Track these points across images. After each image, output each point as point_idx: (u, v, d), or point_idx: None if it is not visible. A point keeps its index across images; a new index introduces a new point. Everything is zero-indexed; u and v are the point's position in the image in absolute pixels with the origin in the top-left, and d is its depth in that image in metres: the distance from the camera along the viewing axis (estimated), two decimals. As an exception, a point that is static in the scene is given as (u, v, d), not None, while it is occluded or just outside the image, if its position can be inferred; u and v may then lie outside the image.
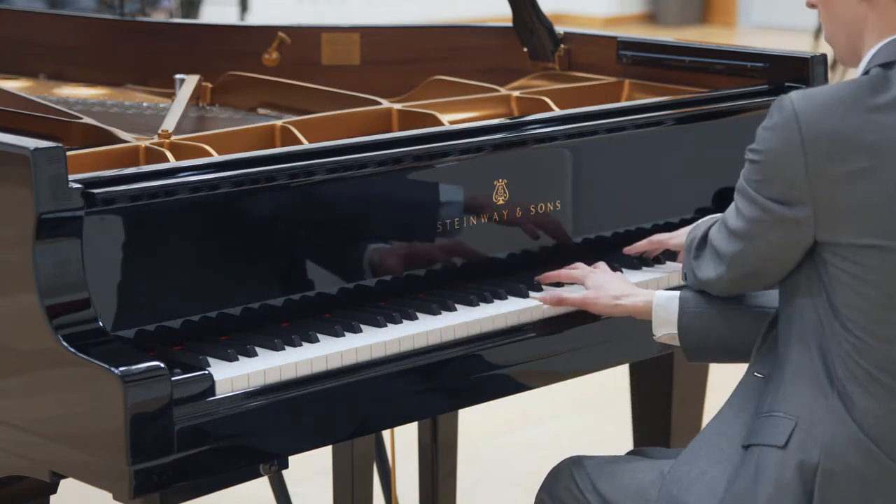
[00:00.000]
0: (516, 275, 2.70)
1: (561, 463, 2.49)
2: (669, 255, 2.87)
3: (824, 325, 2.22)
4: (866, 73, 2.22)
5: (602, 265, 2.67)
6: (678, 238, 2.77)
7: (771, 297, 2.42)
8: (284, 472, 3.26)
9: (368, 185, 2.57)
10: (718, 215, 2.41)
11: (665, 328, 2.48)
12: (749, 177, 2.26)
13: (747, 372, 2.36)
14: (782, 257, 2.26)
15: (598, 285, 2.59)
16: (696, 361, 2.53)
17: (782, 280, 2.30)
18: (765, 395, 2.29)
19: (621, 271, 2.76)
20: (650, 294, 2.50)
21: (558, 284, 2.67)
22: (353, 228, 2.55)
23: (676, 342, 2.46)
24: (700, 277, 2.40)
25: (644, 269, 2.81)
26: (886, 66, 2.20)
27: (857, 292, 2.19)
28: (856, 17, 2.25)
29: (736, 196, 2.30)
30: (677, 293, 2.49)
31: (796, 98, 2.19)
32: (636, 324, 2.59)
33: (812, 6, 2.33)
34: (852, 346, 2.20)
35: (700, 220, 2.55)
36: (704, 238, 2.40)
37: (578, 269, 2.66)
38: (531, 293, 2.63)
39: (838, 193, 2.17)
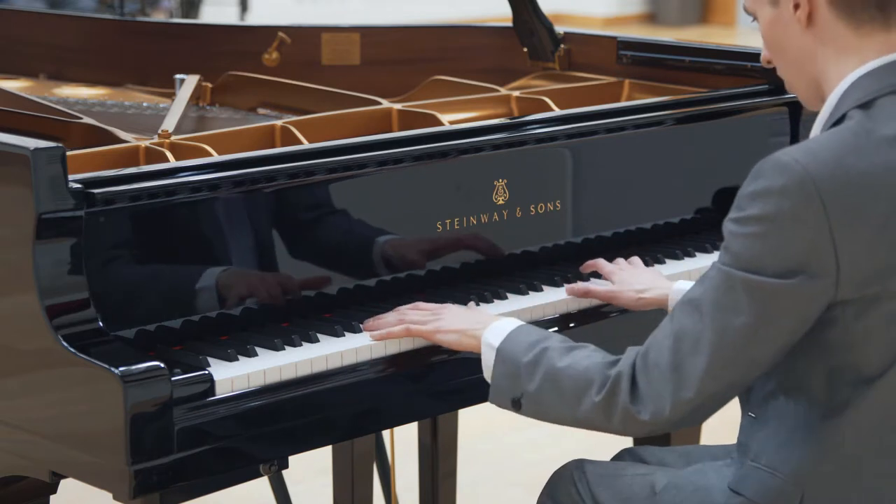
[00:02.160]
0: (516, 275, 2.70)
1: (563, 467, 2.48)
2: (668, 252, 2.87)
3: (833, 385, 2.10)
4: (842, 116, 2.09)
5: (635, 260, 2.70)
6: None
7: None
8: (284, 472, 3.27)
9: (368, 185, 2.57)
10: (588, 361, 2.17)
11: None
12: (742, 257, 2.03)
13: (742, 412, 2.25)
14: (785, 339, 2.06)
15: (623, 280, 2.62)
16: None
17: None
18: (758, 441, 2.19)
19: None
20: (669, 286, 2.51)
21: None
22: (352, 228, 2.55)
23: None
24: (648, 419, 2.09)
25: (668, 261, 2.82)
26: (863, 106, 2.08)
27: (889, 343, 2.07)
28: (805, 51, 2.13)
29: (710, 305, 2.04)
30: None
31: (798, 155, 2.01)
32: (635, 323, 2.60)
33: (768, 62, 2.22)
34: (882, 402, 2.09)
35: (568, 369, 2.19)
36: (632, 376, 2.10)
37: (617, 262, 2.69)
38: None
39: (866, 245, 2.02)
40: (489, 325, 2.31)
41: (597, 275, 2.72)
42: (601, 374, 2.13)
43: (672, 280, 2.63)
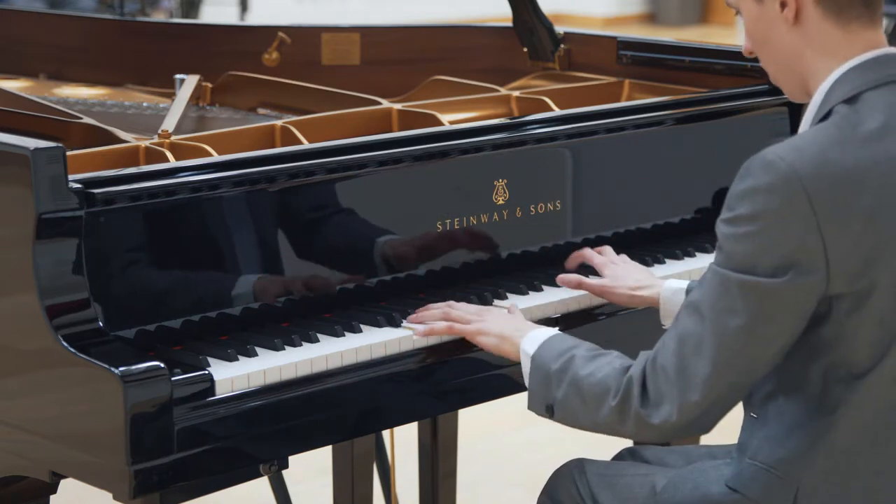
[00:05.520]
0: (516, 274, 2.70)
1: (563, 466, 2.48)
2: (668, 253, 2.87)
3: (827, 383, 2.11)
4: (829, 112, 2.09)
5: (624, 256, 2.69)
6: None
7: None
8: (284, 472, 3.27)
9: (368, 185, 2.57)
10: (608, 363, 2.19)
11: (671, 320, 2.45)
12: (735, 257, 2.04)
13: (745, 412, 2.25)
14: (784, 338, 2.07)
15: (616, 276, 2.61)
16: None
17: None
18: (757, 439, 2.20)
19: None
20: (661, 284, 2.52)
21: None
22: (352, 229, 2.55)
23: None
24: (658, 423, 2.10)
25: (668, 261, 2.82)
26: (849, 101, 2.09)
27: (878, 338, 2.08)
28: (792, 47, 2.14)
29: (708, 308, 2.06)
30: (685, 284, 2.48)
31: (784, 153, 2.02)
32: (636, 323, 2.60)
33: (750, 53, 2.23)
34: (873, 398, 2.10)
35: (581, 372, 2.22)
36: (642, 380, 2.12)
37: (604, 253, 2.68)
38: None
39: (853, 239, 2.03)
40: (527, 334, 2.34)
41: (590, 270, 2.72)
42: (617, 380, 2.16)
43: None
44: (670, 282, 2.56)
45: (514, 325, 2.41)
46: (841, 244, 2.03)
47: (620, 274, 2.63)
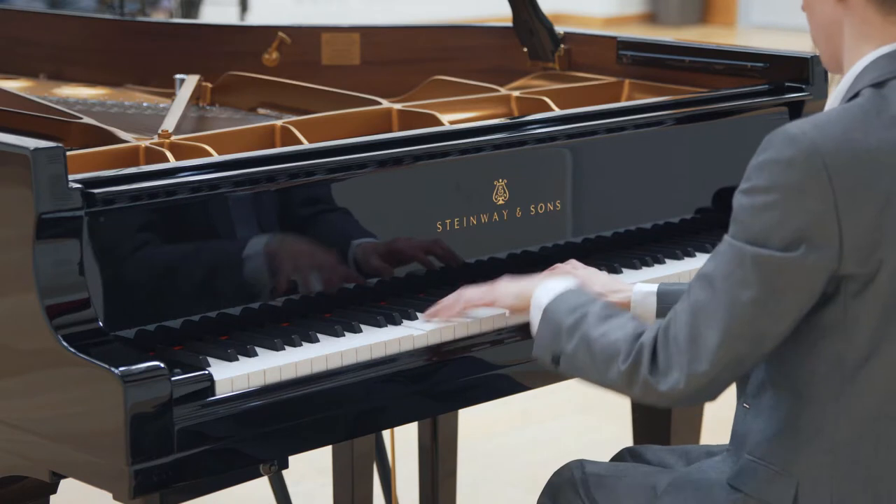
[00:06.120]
0: (516, 274, 2.70)
1: (564, 467, 2.48)
2: (668, 252, 2.87)
3: (824, 374, 2.12)
4: (856, 94, 2.12)
5: (574, 261, 2.66)
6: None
7: None
8: (284, 472, 3.27)
9: (368, 185, 2.57)
10: (616, 329, 2.19)
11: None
12: (750, 228, 2.06)
13: (738, 403, 2.27)
14: (794, 313, 2.08)
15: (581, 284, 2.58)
16: None
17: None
18: (753, 433, 2.21)
19: (621, 272, 2.77)
20: (629, 289, 2.51)
21: None
22: (352, 228, 2.55)
23: None
24: (665, 390, 2.12)
25: (644, 268, 2.81)
26: (877, 85, 2.11)
27: (876, 325, 2.08)
28: (832, 20, 2.17)
29: (721, 279, 2.07)
30: (655, 287, 2.48)
31: (807, 128, 2.04)
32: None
33: (804, 10, 2.25)
34: (872, 389, 2.10)
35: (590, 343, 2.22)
36: (653, 348, 2.13)
37: (568, 264, 2.66)
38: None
39: (868, 220, 2.04)
40: (539, 285, 2.37)
41: None
42: (628, 345, 2.17)
43: (658, 281, 2.63)
44: (639, 285, 2.54)
45: (525, 281, 2.45)
46: (856, 223, 2.04)
47: (584, 282, 2.57)
